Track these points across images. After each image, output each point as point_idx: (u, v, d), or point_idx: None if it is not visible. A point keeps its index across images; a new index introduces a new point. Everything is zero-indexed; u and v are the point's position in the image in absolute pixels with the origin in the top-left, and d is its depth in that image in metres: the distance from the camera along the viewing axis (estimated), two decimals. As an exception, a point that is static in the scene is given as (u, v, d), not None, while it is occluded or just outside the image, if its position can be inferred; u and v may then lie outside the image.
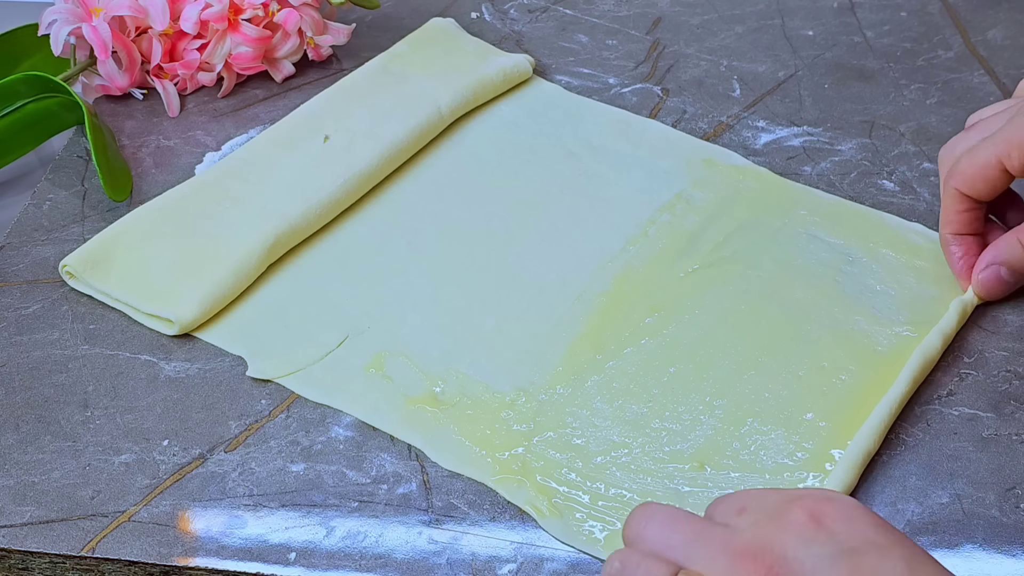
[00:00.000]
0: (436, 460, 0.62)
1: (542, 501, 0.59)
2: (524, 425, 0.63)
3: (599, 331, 0.68)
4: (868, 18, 0.93)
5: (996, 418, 0.63)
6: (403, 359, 0.67)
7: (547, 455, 0.62)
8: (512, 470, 0.61)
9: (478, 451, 0.62)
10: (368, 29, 0.93)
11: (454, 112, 0.82)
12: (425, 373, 0.66)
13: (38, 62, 0.86)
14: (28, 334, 0.69)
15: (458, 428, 0.63)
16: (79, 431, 0.64)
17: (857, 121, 0.83)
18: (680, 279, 0.71)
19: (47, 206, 0.78)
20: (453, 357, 0.67)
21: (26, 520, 0.60)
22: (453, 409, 0.64)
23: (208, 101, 0.87)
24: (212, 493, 0.61)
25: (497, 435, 0.63)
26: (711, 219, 0.75)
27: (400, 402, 0.65)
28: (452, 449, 0.62)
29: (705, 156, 0.79)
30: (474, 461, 0.62)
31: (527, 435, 0.63)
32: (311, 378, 0.66)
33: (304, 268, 0.73)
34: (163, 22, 0.83)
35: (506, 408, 0.64)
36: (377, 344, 0.68)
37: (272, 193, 0.75)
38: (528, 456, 0.62)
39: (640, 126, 0.82)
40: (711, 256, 0.72)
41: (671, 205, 0.76)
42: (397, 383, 0.66)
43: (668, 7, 0.95)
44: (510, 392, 0.65)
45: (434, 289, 0.71)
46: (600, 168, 0.79)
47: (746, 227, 0.74)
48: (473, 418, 0.64)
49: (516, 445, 0.62)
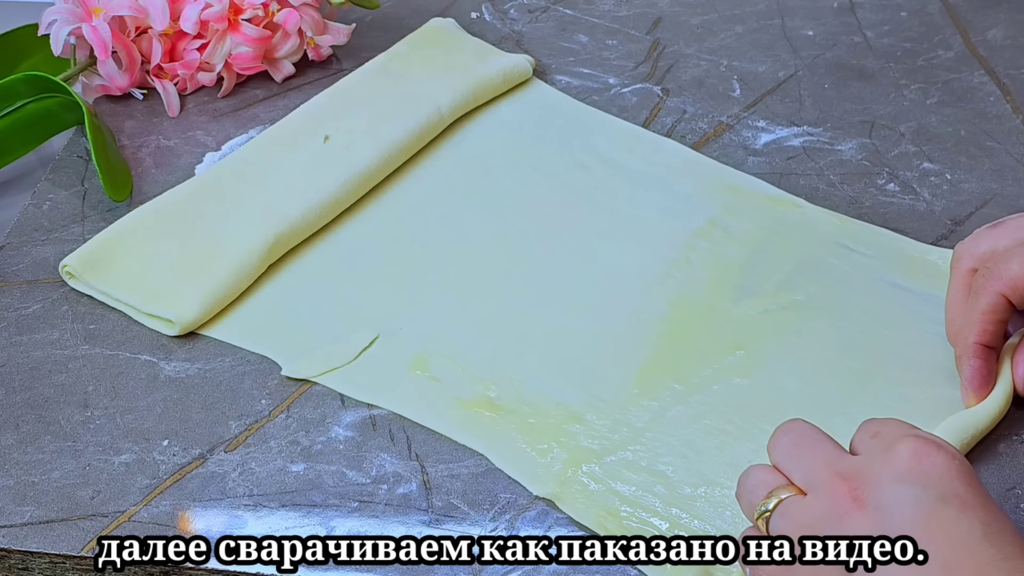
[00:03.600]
0: (501, 467, 0.61)
1: (611, 521, 0.58)
2: (596, 442, 0.62)
3: (672, 359, 0.66)
4: (868, 18, 0.93)
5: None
6: (447, 361, 0.66)
7: (622, 475, 0.60)
8: (581, 487, 0.60)
9: (545, 463, 0.61)
10: (368, 29, 0.93)
11: (454, 112, 0.82)
12: (474, 377, 0.65)
13: (38, 62, 0.86)
14: (28, 334, 0.69)
15: (522, 436, 0.62)
16: (79, 431, 0.64)
17: (857, 121, 0.83)
18: (757, 318, 0.68)
19: (47, 206, 0.78)
20: (502, 363, 0.66)
21: (26, 520, 0.60)
22: (513, 415, 0.63)
23: (208, 101, 0.87)
24: (212, 493, 0.61)
25: (566, 448, 0.61)
26: (757, 251, 0.72)
27: (453, 404, 0.64)
28: (516, 458, 0.61)
29: (728, 182, 0.78)
30: (540, 474, 0.60)
31: (599, 453, 0.61)
32: (352, 377, 0.66)
33: (311, 268, 0.73)
34: (163, 22, 0.83)
35: (574, 422, 0.63)
36: (414, 345, 0.67)
37: (272, 193, 0.75)
38: (602, 473, 0.60)
39: (653, 143, 0.81)
40: (781, 298, 0.69)
41: (705, 231, 0.74)
42: (446, 385, 0.65)
43: (668, 7, 0.95)
44: (577, 406, 0.64)
45: (461, 293, 0.71)
46: (615, 183, 0.78)
47: (805, 266, 0.71)
48: (537, 427, 0.63)
49: (588, 460, 0.61)
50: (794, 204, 0.76)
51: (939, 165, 0.79)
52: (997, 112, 0.83)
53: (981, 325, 0.62)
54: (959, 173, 0.78)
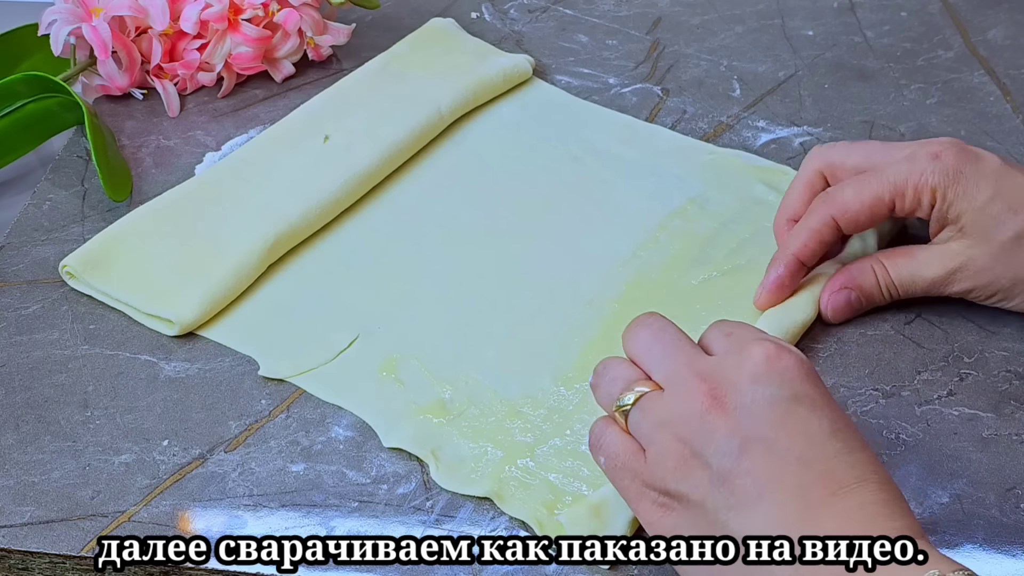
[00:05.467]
0: (436, 480, 0.61)
1: (545, 514, 0.59)
2: (530, 435, 0.62)
3: (614, 338, 0.66)
4: (868, 18, 0.93)
5: (996, 418, 0.63)
6: (415, 362, 0.66)
7: (552, 464, 0.61)
8: (519, 483, 0.60)
9: (482, 466, 0.61)
10: (368, 29, 0.93)
11: (454, 112, 0.82)
12: (436, 378, 0.66)
13: (38, 62, 0.86)
14: (28, 334, 0.69)
15: (463, 442, 0.62)
16: (79, 431, 0.64)
17: (857, 121, 0.83)
18: (694, 287, 0.70)
19: (47, 206, 0.78)
20: (464, 361, 0.66)
21: (26, 520, 0.60)
22: (459, 419, 0.63)
23: (208, 101, 0.87)
24: (212, 493, 0.61)
25: (501, 446, 0.62)
26: (725, 224, 0.74)
27: (409, 410, 0.64)
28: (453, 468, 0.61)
29: (720, 159, 0.78)
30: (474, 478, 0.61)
31: (531, 446, 0.62)
32: (322, 378, 0.66)
33: (309, 268, 0.73)
34: (163, 22, 0.83)
35: (513, 417, 0.63)
36: (388, 346, 0.68)
37: (272, 193, 0.75)
38: (535, 466, 0.61)
39: (647, 132, 0.82)
40: (725, 263, 0.71)
41: (683, 210, 0.75)
42: (408, 388, 0.65)
43: (668, 7, 0.95)
44: (517, 399, 0.64)
45: (443, 291, 0.71)
46: (607, 174, 0.78)
47: (761, 232, 0.73)
48: (478, 429, 0.63)
49: (523, 455, 0.61)
50: (781, 172, 0.77)
51: (939, 165, 0.79)
52: (997, 112, 0.83)
53: (804, 240, 0.67)
54: (959, 173, 0.78)
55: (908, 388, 0.65)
